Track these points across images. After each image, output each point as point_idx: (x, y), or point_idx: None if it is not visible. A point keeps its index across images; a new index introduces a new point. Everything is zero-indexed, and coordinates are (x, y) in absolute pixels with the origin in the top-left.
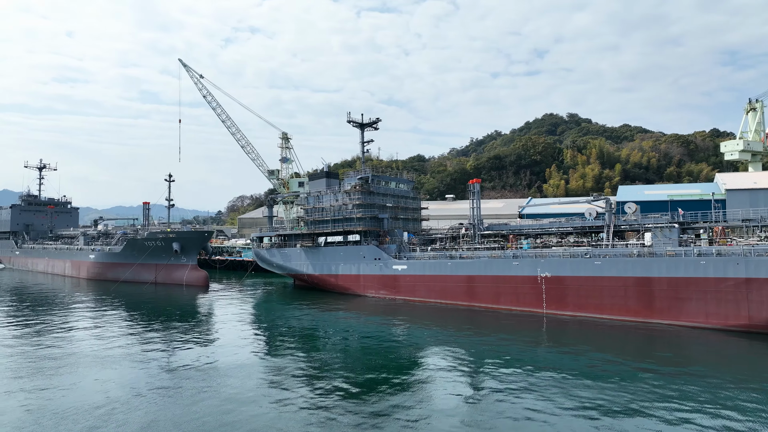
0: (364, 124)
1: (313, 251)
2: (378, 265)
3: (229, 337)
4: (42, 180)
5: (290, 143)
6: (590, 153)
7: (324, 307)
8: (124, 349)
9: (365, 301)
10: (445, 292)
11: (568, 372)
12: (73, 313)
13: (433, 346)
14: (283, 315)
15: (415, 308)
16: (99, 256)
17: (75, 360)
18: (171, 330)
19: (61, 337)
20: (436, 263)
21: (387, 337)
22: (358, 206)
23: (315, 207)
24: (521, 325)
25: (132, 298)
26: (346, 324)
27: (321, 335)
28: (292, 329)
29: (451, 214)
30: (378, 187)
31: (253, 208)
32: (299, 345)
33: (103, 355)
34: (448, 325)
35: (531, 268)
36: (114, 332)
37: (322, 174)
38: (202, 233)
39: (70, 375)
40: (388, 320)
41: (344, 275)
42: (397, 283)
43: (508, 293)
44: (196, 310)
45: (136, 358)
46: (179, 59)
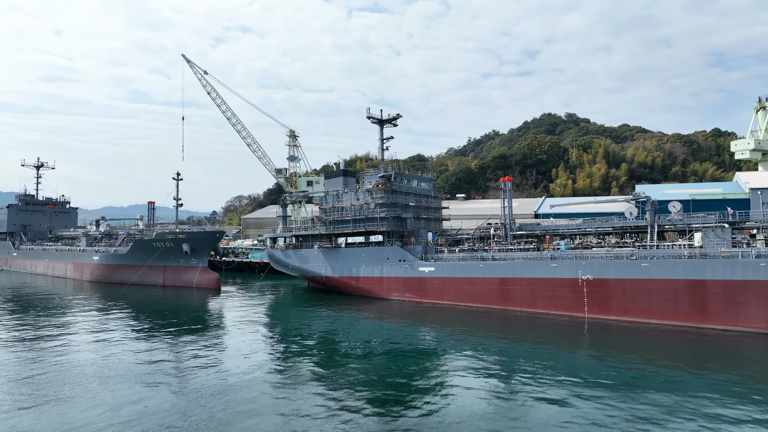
0: (383, 120)
1: (332, 252)
2: (403, 267)
3: (242, 345)
4: (39, 179)
5: (298, 141)
6: (596, 152)
7: (344, 310)
8: (130, 358)
9: (389, 304)
10: (476, 295)
11: (615, 381)
12: (77, 319)
13: (464, 352)
14: (300, 319)
15: (444, 312)
16: (104, 257)
17: (78, 371)
18: (181, 336)
19: (63, 343)
20: (466, 265)
21: (413, 342)
22: (381, 205)
23: (334, 206)
24: (561, 330)
25: (139, 302)
26: (369, 329)
27: (341, 341)
28: (311, 335)
29: (466, 214)
30: (400, 185)
31: (253, 208)
32: (318, 352)
33: (107, 372)
34: (480, 330)
35: (571, 270)
36: (119, 340)
37: (339, 172)
38: (213, 234)
39: (74, 387)
40: (415, 325)
41: (366, 277)
42: (424, 286)
43: (545, 296)
44: (207, 314)
45: (142, 369)
46: (182, 55)
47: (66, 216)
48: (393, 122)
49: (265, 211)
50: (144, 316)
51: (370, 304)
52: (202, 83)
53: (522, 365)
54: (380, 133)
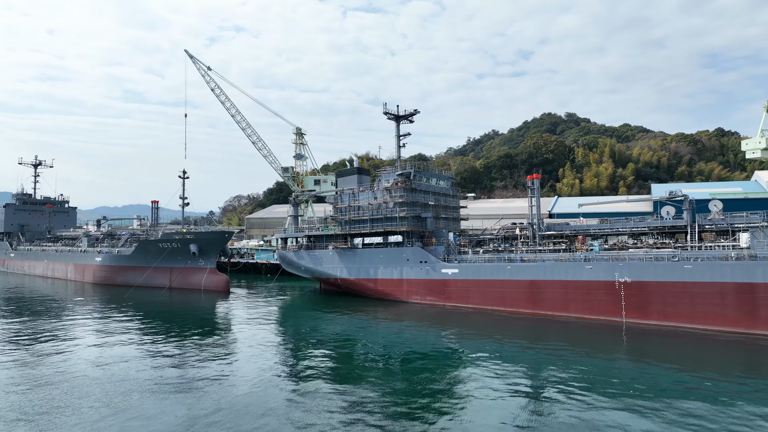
0: (399, 116)
1: (348, 253)
2: (424, 269)
3: (254, 353)
4: (37, 178)
5: (304, 139)
6: (602, 152)
7: (361, 314)
8: (135, 367)
9: (409, 307)
10: (503, 298)
11: (656, 390)
12: (79, 323)
13: (491, 359)
14: (314, 324)
15: (468, 316)
16: (107, 258)
17: (81, 380)
18: (189, 343)
19: (65, 348)
20: (492, 267)
21: (435, 348)
22: (400, 204)
23: (350, 205)
24: (596, 335)
25: (146, 305)
26: (388, 334)
27: (358, 347)
28: (325, 341)
29: (478, 214)
30: (419, 183)
31: (252, 208)
32: (333, 360)
33: (110, 381)
34: (509, 335)
35: (607, 272)
36: (123, 344)
37: (353, 170)
38: (222, 234)
39: (76, 398)
40: (437, 330)
41: (385, 279)
42: (447, 289)
43: (579, 300)
44: (217, 319)
45: (147, 381)
46: (185, 50)
47: (65, 216)
48: (409, 118)
49: (269, 210)
50: (151, 321)
51: (388, 308)
52: (205, 79)
53: (555, 372)
54: (396, 129)
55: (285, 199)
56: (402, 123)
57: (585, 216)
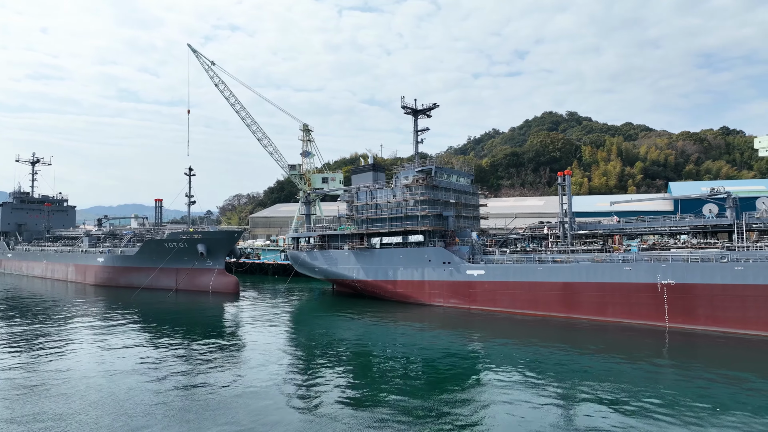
0: (417, 110)
1: (366, 254)
2: (448, 270)
3: (263, 359)
4: (35, 176)
5: (311, 136)
6: (610, 150)
7: (379, 318)
8: (139, 378)
9: (431, 311)
10: (534, 301)
11: (705, 401)
12: (80, 327)
13: (522, 366)
14: (329, 328)
15: (496, 320)
16: (109, 259)
17: (84, 386)
18: (195, 347)
19: (64, 356)
20: (522, 268)
21: (461, 355)
22: (421, 202)
23: (367, 203)
24: (637, 341)
25: (150, 308)
26: (408, 339)
27: (375, 352)
28: (341, 346)
29: (493, 213)
30: (440, 180)
31: (253, 207)
32: (349, 366)
33: (113, 391)
34: (541, 340)
35: (648, 273)
36: (126, 353)
37: (368, 167)
38: (232, 233)
39: (79, 406)
40: (462, 334)
41: (405, 281)
42: (473, 291)
43: (617, 303)
44: (225, 323)
45: (151, 394)
46: (188, 44)
47: (63, 215)
48: (427, 113)
49: (273, 209)
50: (157, 325)
51: (409, 311)
52: (209, 74)
53: (593, 382)
54: (414, 124)
55: (287, 198)
56: (420, 118)
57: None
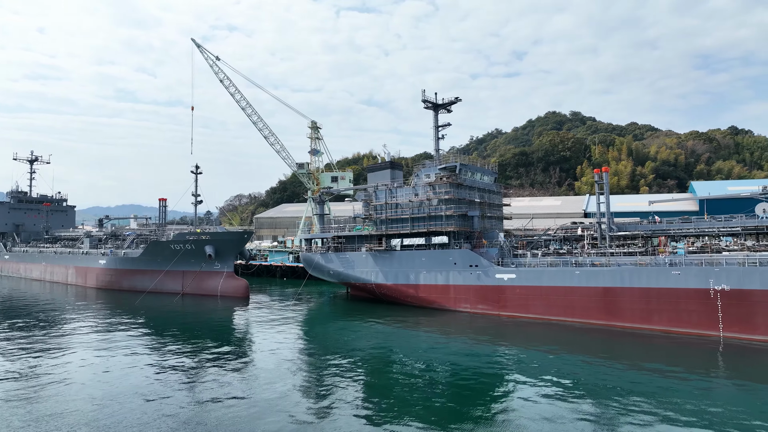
0: (438, 104)
1: (385, 256)
2: (475, 274)
3: (275, 373)
4: (33, 174)
5: (320, 133)
6: (621, 149)
7: (400, 324)
8: (142, 387)
9: (457, 317)
10: (571, 307)
11: None
12: (80, 333)
13: (559, 378)
14: (345, 335)
15: (528, 328)
16: (112, 261)
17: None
18: (202, 356)
19: (61, 366)
20: (557, 272)
21: (490, 365)
22: (446, 202)
23: (387, 203)
24: (687, 352)
25: (156, 313)
26: (432, 348)
27: (396, 363)
28: (359, 355)
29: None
30: (465, 178)
31: (255, 207)
32: (367, 378)
33: (112, 402)
34: (579, 350)
35: (700, 278)
36: (129, 361)
37: (385, 164)
38: (242, 234)
39: None
40: (491, 343)
41: (428, 285)
42: (503, 296)
43: (664, 310)
44: (234, 329)
45: (155, 410)
46: (192, 39)
47: (62, 215)
48: (448, 107)
49: (279, 209)
50: (162, 332)
51: (432, 317)
52: (213, 70)
53: (637, 396)
54: (434, 118)
55: (290, 198)
56: (440, 112)
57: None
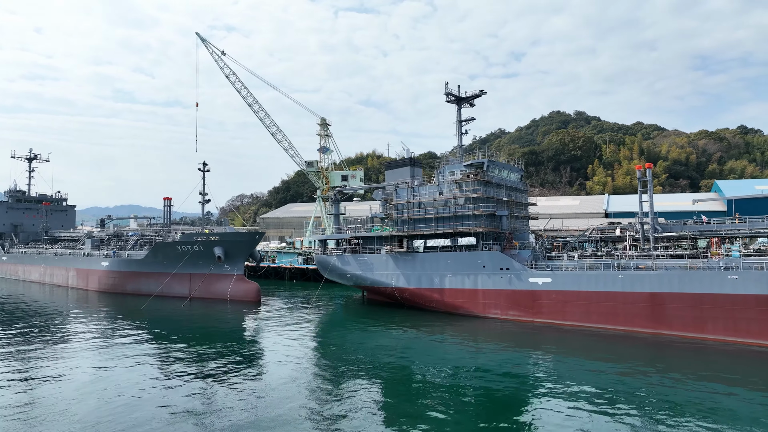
0: (461, 98)
1: (407, 258)
2: (506, 277)
3: (292, 380)
4: (32, 173)
5: (329, 130)
6: (632, 148)
7: (424, 331)
8: (145, 397)
9: (486, 324)
10: (613, 314)
11: None
12: (81, 340)
13: (600, 393)
14: (364, 343)
15: (566, 335)
16: (115, 263)
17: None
18: (212, 365)
19: (63, 376)
20: (597, 276)
21: (523, 376)
22: (474, 200)
23: (409, 201)
24: (745, 364)
25: (162, 318)
26: (458, 357)
27: (420, 373)
28: (378, 364)
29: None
30: (493, 176)
31: (257, 207)
32: (390, 389)
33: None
34: (623, 361)
35: (760, 284)
36: (134, 370)
37: (405, 161)
38: (253, 235)
39: None
40: (525, 353)
41: (454, 290)
42: (537, 302)
43: (719, 318)
44: (245, 336)
45: None
46: (197, 33)
47: (62, 215)
48: (470, 101)
49: (285, 209)
50: (168, 338)
51: (458, 324)
52: (219, 65)
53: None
54: (457, 113)
55: (293, 198)
56: (463, 106)
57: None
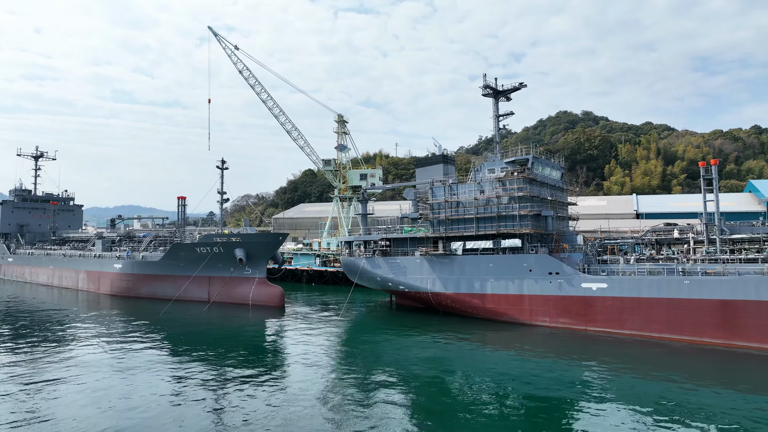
0: (499, 91)
1: (444, 262)
2: (556, 282)
3: (321, 395)
4: (38, 171)
5: (347, 128)
6: (649, 148)
7: (464, 339)
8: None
9: (533, 332)
10: (678, 323)
11: None
12: (94, 349)
13: (668, 407)
14: (398, 351)
15: (623, 346)
16: (128, 265)
17: None
18: (231, 374)
19: (71, 386)
20: (660, 281)
21: (574, 391)
22: (520, 199)
23: (447, 201)
24: None
25: (180, 324)
26: (501, 367)
27: (459, 385)
28: (414, 375)
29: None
30: (537, 173)
31: (264, 207)
32: (428, 404)
33: None
34: (691, 374)
35: None
36: (149, 387)
37: (437, 158)
38: (276, 236)
39: None
40: (577, 364)
41: (496, 295)
42: (591, 309)
43: None
44: (272, 345)
45: None
46: (209, 27)
47: (69, 215)
48: (507, 95)
49: (299, 210)
50: (186, 346)
51: (502, 331)
52: (232, 60)
53: None
54: (495, 107)
55: (300, 198)
56: (500, 100)
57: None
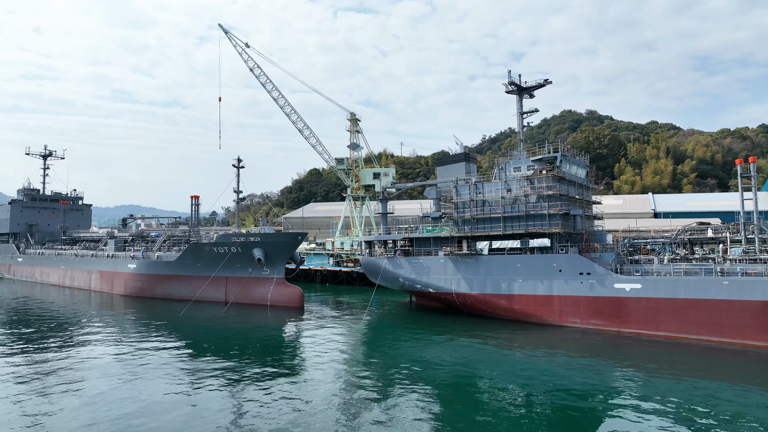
0: (523, 87)
1: (470, 261)
2: (587, 283)
3: (342, 403)
4: (47, 170)
5: (359, 126)
6: (659, 147)
7: (490, 341)
8: None
9: (563, 334)
10: (717, 325)
11: None
12: (110, 352)
13: (707, 413)
14: (423, 354)
15: (658, 348)
16: (143, 265)
17: None
18: (248, 373)
19: (84, 391)
20: (697, 282)
21: (607, 394)
22: (549, 198)
23: (472, 199)
24: None
25: (200, 325)
26: (530, 370)
27: (487, 390)
28: (439, 375)
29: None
30: (565, 171)
31: (269, 207)
32: (449, 405)
33: None
34: (731, 378)
35: None
36: (166, 391)
37: (459, 156)
38: (295, 236)
39: None
40: (609, 366)
41: (525, 296)
42: (624, 310)
43: None
44: (294, 347)
45: None
46: (219, 24)
47: (79, 214)
48: (530, 92)
49: (309, 209)
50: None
51: (530, 333)
52: (243, 57)
53: None
54: (518, 104)
55: (306, 198)
56: (524, 97)
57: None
